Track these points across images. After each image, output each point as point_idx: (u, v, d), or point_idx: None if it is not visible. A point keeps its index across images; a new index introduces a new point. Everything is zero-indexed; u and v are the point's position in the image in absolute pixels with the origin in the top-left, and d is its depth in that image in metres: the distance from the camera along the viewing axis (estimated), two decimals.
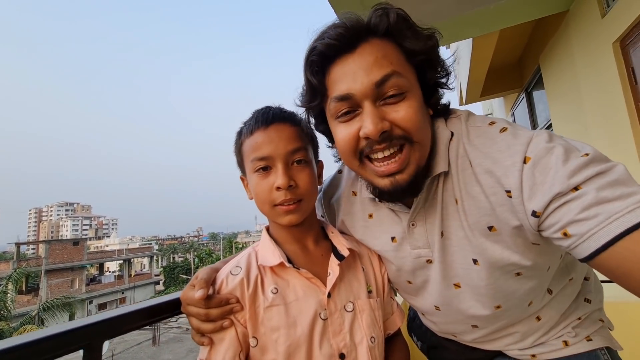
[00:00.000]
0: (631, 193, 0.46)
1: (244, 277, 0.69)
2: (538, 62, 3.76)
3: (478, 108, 8.47)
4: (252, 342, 0.67)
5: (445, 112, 0.71)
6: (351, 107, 0.61)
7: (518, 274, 0.65)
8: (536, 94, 4.37)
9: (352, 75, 0.60)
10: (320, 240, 0.80)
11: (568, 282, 0.75)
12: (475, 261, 0.66)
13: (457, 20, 2.67)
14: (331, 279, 0.71)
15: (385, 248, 0.78)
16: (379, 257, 0.84)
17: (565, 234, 0.50)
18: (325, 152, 0.83)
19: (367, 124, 0.59)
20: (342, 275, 0.74)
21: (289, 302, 0.69)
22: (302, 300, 0.69)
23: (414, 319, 1.01)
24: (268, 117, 0.72)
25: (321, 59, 0.62)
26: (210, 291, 0.67)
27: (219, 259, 0.80)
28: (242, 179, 0.80)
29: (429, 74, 0.65)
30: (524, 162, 0.54)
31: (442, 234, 0.68)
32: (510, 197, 0.56)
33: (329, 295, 0.70)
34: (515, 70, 4.73)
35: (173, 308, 0.71)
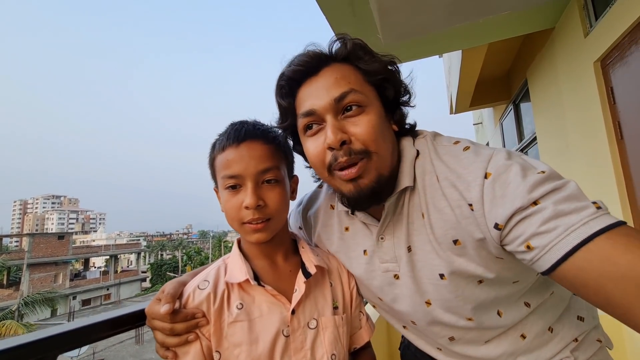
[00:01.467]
0: (584, 207, 0.50)
1: (211, 291, 0.69)
2: (525, 75, 3.84)
3: (469, 117, 8.60)
4: (215, 356, 0.67)
5: (412, 131, 0.76)
6: (316, 121, 0.67)
7: (480, 281, 0.68)
8: (523, 107, 4.46)
9: (315, 93, 0.67)
10: (290, 256, 0.81)
11: (549, 296, 0.74)
12: (442, 276, 0.68)
13: (447, 32, 2.71)
14: (296, 296, 0.72)
15: (358, 261, 0.80)
16: (348, 271, 0.85)
17: (528, 247, 0.53)
18: (305, 170, 0.84)
19: (328, 134, 0.64)
20: (307, 292, 0.74)
21: (253, 318, 0.69)
22: (266, 317, 0.70)
23: (408, 347, 0.98)
24: (240, 135, 0.71)
25: (289, 83, 0.70)
26: (177, 305, 0.67)
27: (208, 257, 0.81)
28: (215, 191, 0.80)
29: (388, 92, 0.70)
30: (485, 177, 0.58)
31: (409, 249, 0.70)
32: (472, 210, 0.59)
33: (293, 312, 0.71)
34: (503, 82, 4.82)
35: (136, 320, 0.71)
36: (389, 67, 0.71)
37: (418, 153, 0.71)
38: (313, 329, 0.73)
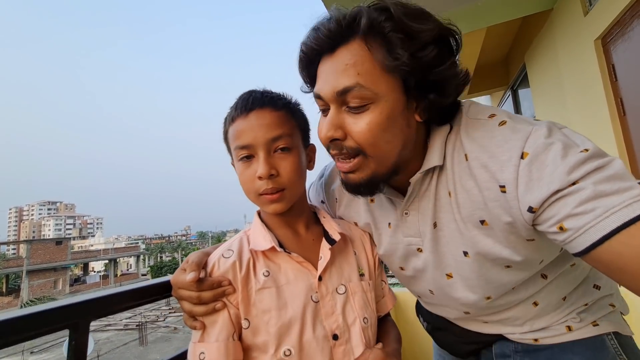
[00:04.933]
0: (628, 187, 0.46)
1: (236, 259, 0.69)
2: (524, 60, 3.85)
3: None
4: (244, 323, 0.67)
5: (448, 115, 0.65)
6: (324, 105, 0.63)
7: (508, 266, 0.65)
8: (522, 92, 4.47)
9: (325, 77, 0.61)
10: (312, 225, 0.81)
11: (570, 267, 0.73)
12: (465, 253, 0.67)
13: (445, 16, 2.70)
14: (322, 263, 0.71)
15: (385, 232, 0.79)
16: (371, 239, 0.85)
17: (561, 228, 0.49)
18: None
19: (321, 127, 0.61)
20: (333, 259, 0.74)
21: (281, 285, 0.69)
22: (293, 284, 0.69)
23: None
24: (248, 104, 0.70)
25: (306, 58, 0.64)
26: (202, 274, 0.66)
27: None
28: (233, 165, 0.79)
29: (416, 80, 0.57)
30: (522, 157, 0.53)
31: (434, 225, 0.69)
32: (504, 192, 0.55)
33: (320, 278, 0.71)
34: (501, 68, 4.83)
35: (163, 290, 0.70)
36: (426, 52, 0.55)
37: (451, 127, 0.64)
38: (342, 294, 0.72)
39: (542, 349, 0.74)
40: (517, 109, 4.67)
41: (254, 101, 0.71)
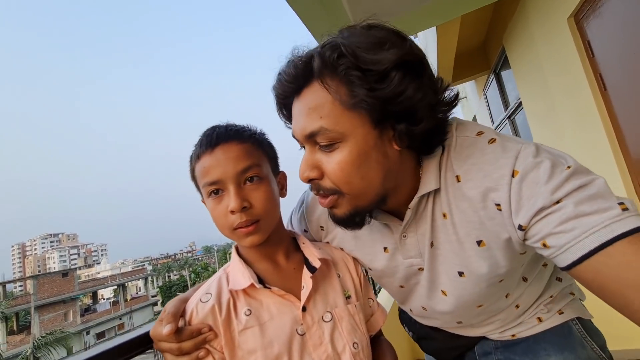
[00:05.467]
0: (608, 208, 0.48)
1: (215, 303, 0.67)
2: (502, 43, 3.85)
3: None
4: None
5: (435, 142, 0.62)
6: (302, 145, 0.64)
7: (501, 280, 0.68)
8: (504, 74, 4.47)
9: (295, 119, 0.62)
10: (292, 253, 0.79)
11: (542, 267, 0.77)
12: (461, 273, 0.67)
13: (419, 11, 2.69)
14: (305, 293, 0.70)
15: (378, 257, 0.78)
16: (354, 259, 0.83)
17: (544, 245, 0.52)
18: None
19: (300, 167, 0.62)
20: (316, 287, 0.73)
21: (264, 322, 0.67)
22: (277, 319, 0.68)
23: (404, 311, 1.04)
24: (212, 139, 0.70)
25: (279, 102, 0.67)
26: (181, 323, 0.65)
27: (216, 271, 0.79)
28: (203, 203, 0.78)
29: (385, 112, 0.55)
30: (512, 175, 0.54)
31: (431, 244, 0.69)
32: (500, 210, 0.57)
33: (304, 309, 0.69)
34: (481, 54, 4.82)
35: (146, 343, 0.69)
36: (385, 82, 0.53)
37: (443, 148, 0.64)
38: (329, 321, 0.71)
39: (519, 342, 0.79)
40: (502, 90, 4.67)
41: (219, 136, 0.70)
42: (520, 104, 3.85)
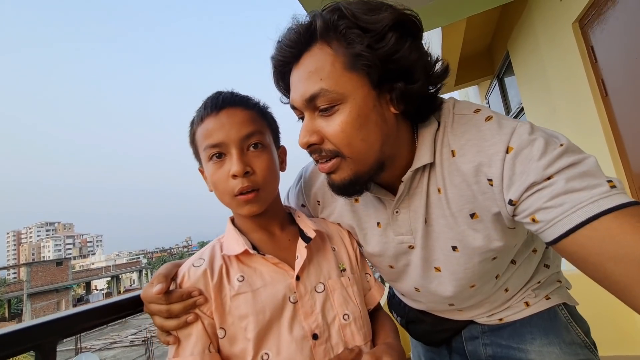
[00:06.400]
0: (597, 185, 0.49)
1: (207, 267, 0.67)
2: (507, 48, 3.86)
3: (454, 97, 8.63)
4: (220, 333, 0.65)
5: (431, 105, 0.65)
6: (299, 114, 0.64)
7: (494, 258, 0.68)
8: (507, 80, 4.49)
9: (294, 87, 0.62)
10: (287, 226, 0.80)
11: (532, 252, 0.78)
12: (454, 248, 0.68)
13: (422, 10, 2.71)
14: (299, 262, 0.70)
15: (372, 232, 0.79)
16: (349, 233, 0.84)
17: (533, 219, 0.53)
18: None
19: (300, 133, 0.62)
20: (310, 258, 0.73)
21: (256, 288, 0.67)
22: (269, 286, 0.68)
23: (393, 297, 1.05)
24: (218, 102, 0.69)
25: (277, 72, 0.67)
26: (173, 286, 0.64)
27: None
28: (200, 171, 0.78)
29: (384, 71, 0.57)
30: (507, 151, 0.55)
31: (425, 221, 0.70)
32: (491, 185, 0.58)
33: (298, 278, 0.69)
34: (486, 58, 4.84)
35: (135, 305, 0.69)
36: (384, 42, 0.56)
37: (439, 124, 0.65)
38: (321, 292, 0.71)
39: (505, 327, 0.81)
40: (505, 96, 4.69)
41: (225, 100, 0.70)
42: (522, 109, 3.86)
